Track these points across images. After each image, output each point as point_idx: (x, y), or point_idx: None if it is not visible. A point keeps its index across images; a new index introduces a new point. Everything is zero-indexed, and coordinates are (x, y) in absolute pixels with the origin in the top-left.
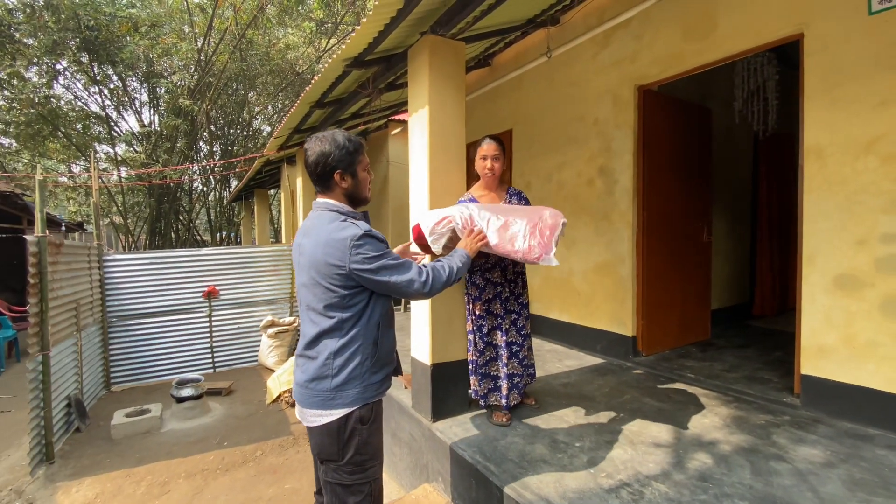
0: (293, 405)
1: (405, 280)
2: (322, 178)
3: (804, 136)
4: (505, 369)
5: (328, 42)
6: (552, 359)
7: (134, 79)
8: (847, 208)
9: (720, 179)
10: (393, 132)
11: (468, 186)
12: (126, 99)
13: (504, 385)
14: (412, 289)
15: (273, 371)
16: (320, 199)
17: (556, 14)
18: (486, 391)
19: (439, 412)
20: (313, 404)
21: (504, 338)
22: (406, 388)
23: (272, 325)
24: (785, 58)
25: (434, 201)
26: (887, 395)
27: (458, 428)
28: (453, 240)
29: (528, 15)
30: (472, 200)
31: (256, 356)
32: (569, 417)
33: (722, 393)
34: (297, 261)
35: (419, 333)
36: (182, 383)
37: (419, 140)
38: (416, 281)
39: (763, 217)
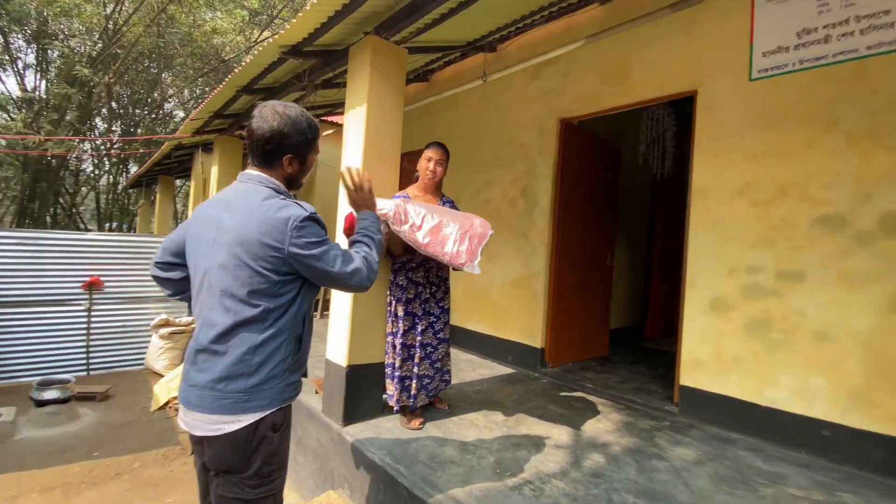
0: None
1: (349, 270)
2: (267, 155)
3: (692, 178)
4: (416, 369)
5: (260, 34)
6: (467, 368)
7: (20, 36)
8: (722, 242)
9: (623, 213)
10: (325, 133)
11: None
12: (6, 58)
13: (413, 384)
14: (354, 280)
15: (162, 376)
16: (253, 172)
17: (493, 41)
18: (400, 394)
19: (351, 416)
20: (220, 408)
21: (419, 338)
22: (317, 392)
23: (166, 324)
24: (682, 113)
25: None
26: (747, 403)
27: (370, 432)
28: (386, 234)
29: (468, 38)
30: (406, 198)
31: (143, 359)
32: (479, 422)
33: (615, 402)
34: (209, 237)
35: (337, 334)
36: (45, 385)
37: (353, 138)
38: (362, 271)
39: (657, 250)
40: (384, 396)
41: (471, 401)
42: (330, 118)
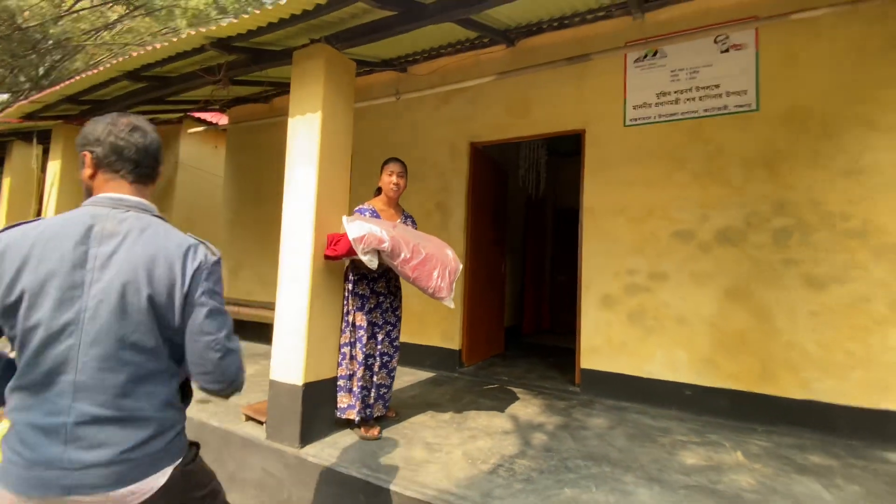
0: None
1: (235, 345)
2: (151, 170)
3: (584, 200)
4: (375, 379)
5: (75, 2)
6: None
7: None
8: (607, 250)
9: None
10: (190, 130)
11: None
12: None
13: (372, 395)
14: (234, 367)
15: None
16: (133, 198)
17: (405, 63)
18: (355, 405)
19: (307, 437)
20: (141, 473)
21: (379, 347)
22: (249, 419)
23: None
24: (552, 148)
25: (320, 211)
26: (632, 377)
27: (331, 449)
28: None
29: (385, 56)
30: (374, 213)
31: None
32: (429, 423)
33: (529, 389)
34: (78, 279)
35: (288, 352)
36: None
37: (305, 146)
38: (239, 349)
39: (529, 258)
40: (336, 411)
41: (410, 405)
42: (197, 114)
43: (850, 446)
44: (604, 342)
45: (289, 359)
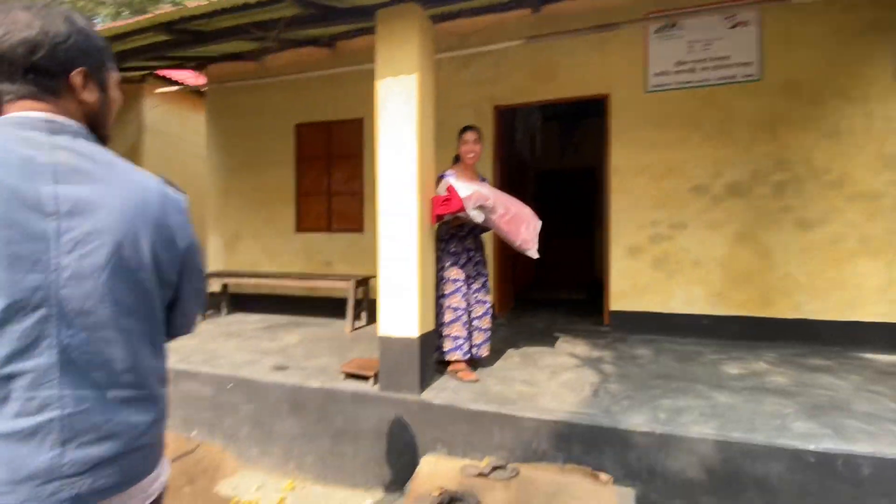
0: None
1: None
2: (43, 72)
3: (610, 160)
4: (477, 323)
5: None
6: None
7: None
8: (633, 205)
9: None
10: (158, 90)
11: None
12: None
13: (476, 337)
14: (200, 307)
15: None
16: (70, 122)
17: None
18: (463, 346)
19: (423, 385)
20: (153, 463)
21: (476, 295)
22: (350, 377)
23: None
24: (547, 114)
25: (423, 171)
26: (656, 313)
27: (446, 393)
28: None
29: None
30: (449, 175)
31: None
32: (506, 366)
33: (566, 333)
34: (36, 226)
35: (401, 308)
36: None
37: (403, 108)
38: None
39: None
40: (443, 354)
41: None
42: (167, 73)
43: (835, 351)
44: (630, 286)
45: (401, 314)
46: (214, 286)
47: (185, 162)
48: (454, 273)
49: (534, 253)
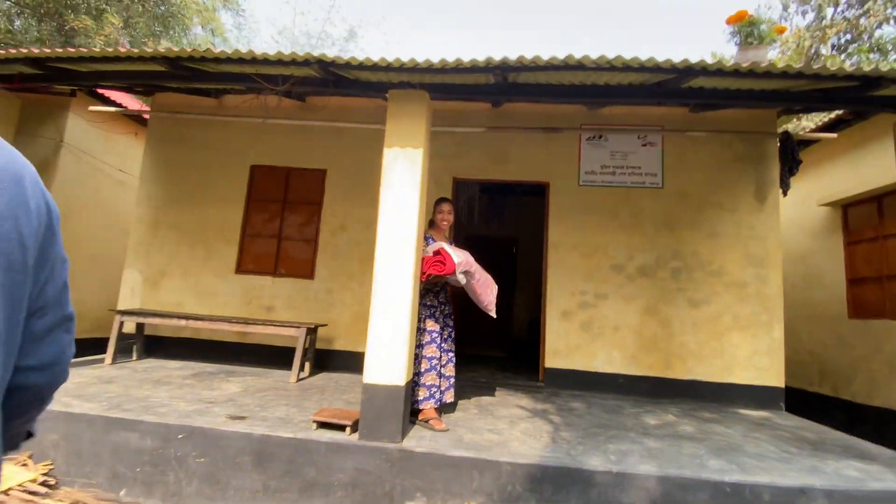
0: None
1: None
2: None
3: (549, 237)
4: (444, 371)
5: None
6: None
7: None
8: (565, 276)
9: None
10: (91, 108)
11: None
12: None
13: (447, 384)
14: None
15: None
16: None
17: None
18: (434, 396)
19: (403, 433)
20: None
21: (444, 345)
22: (320, 426)
23: None
24: (484, 188)
25: (419, 230)
26: (583, 371)
27: (424, 441)
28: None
29: None
30: (432, 239)
31: None
32: (467, 416)
33: (506, 388)
34: None
35: (386, 357)
36: None
37: (407, 177)
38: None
39: None
40: (419, 403)
41: None
42: (106, 92)
43: (718, 407)
44: (563, 346)
45: (389, 363)
46: (128, 326)
47: (101, 185)
48: (430, 325)
49: (493, 313)
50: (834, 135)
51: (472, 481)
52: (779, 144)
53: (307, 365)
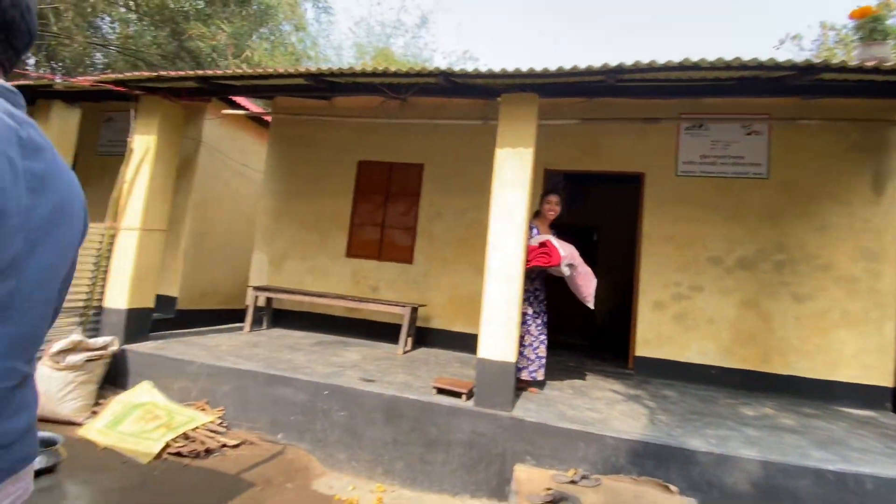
0: (198, 454)
1: None
2: (15, 34)
3: (643, 228)
4: (539, 353)
5: None
6: None
7: None
8: (659, 267)
9: None
10: (224, 112)
11: None
12: None
13: (539, 364)
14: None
15: (78, 423)
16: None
17: None
18: (536, 370)
19: (513, 404)
20: (35, 445)
21: (540, 328)
22: (440, 392)
23: (79, 347)
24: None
25: (526, 225)
26: (674, 361)
27: (531, 412)
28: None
29: None
30: (537, 230)
31: None
32: (563, 395)
33: (596, 373)
34: (24, 199)
35: (498, 335)
36: None
37: (517, 175)
38: None
39: None
40: (522, 376)
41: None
42: (238, 98)
43: (819, 404)
44: (654, 336)
45: (500, 341)
46: (260, 301)
47: (229, 179)
48: (528, 309)
49: (591, 304)
50: None
51: (578, 451)
52: None
53: (409, 340)
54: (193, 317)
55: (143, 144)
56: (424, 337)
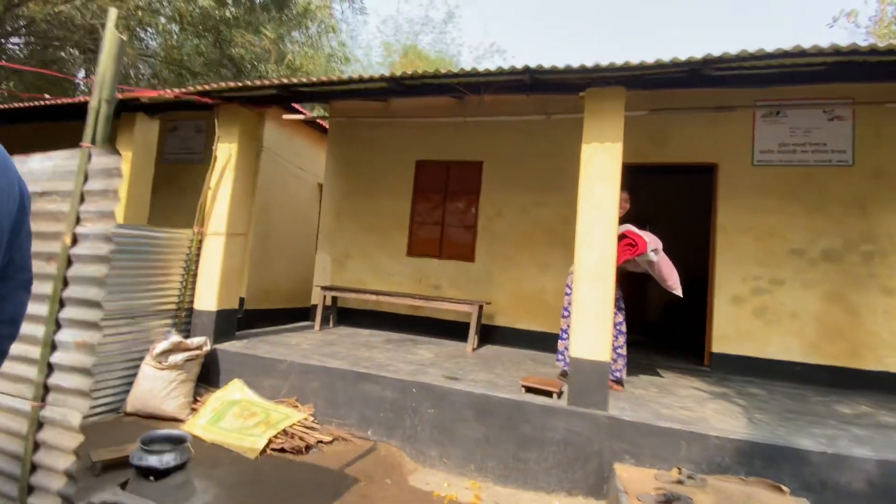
0: (299, 450)
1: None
2: None
3: (717, 220)
4: (622, 351)
5: None
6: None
7: None
8: (736, 260)
9: None
10: (284, 116)
11: None
12: None
13: (623, 363)
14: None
15: (181, 419)
16: None
17: None
18: (622, 368)
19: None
20: None
21: (620, 327)
22: (528, 391)
23: (178, 348)
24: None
25: (616, 217)
26: (754, 358)
27: (629, 411)
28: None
29: None
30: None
31: (120, 402)
32: (647, 394)
33: (670, 370)
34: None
35: (593, 333)
36: (153, 442)
37: (606, 168)
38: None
39: None
40: (613, 374)
41: None
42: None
43: None
44: (733, 331)
45: (593, 340)
46: (327, 300)
47: (287, 180)
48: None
49: (679, 292)
50: None
51: (680, 449)
52: None
53: (475, 337)
54: (259, 316)
55: (226, 152)
56: (489, 334)
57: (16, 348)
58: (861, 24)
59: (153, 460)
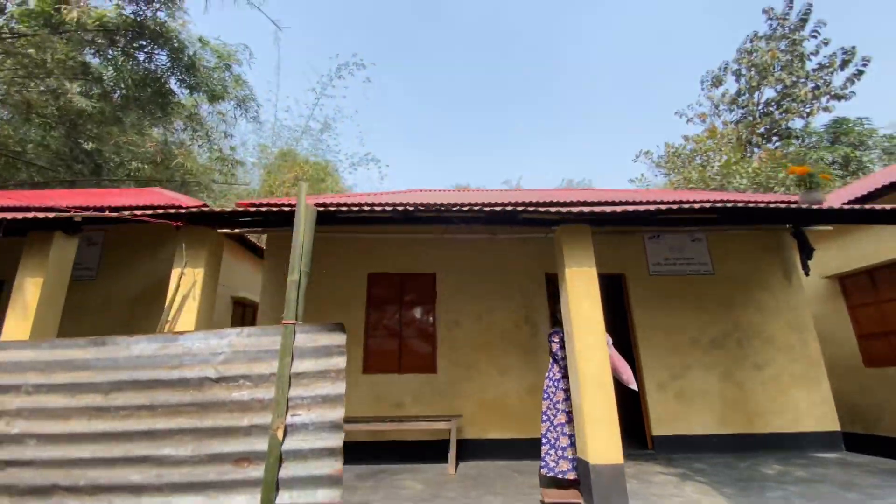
0: None
1: None
2: None
3: (633, 319)
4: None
5: None
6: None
7: None
8: (654, 352)
9: None
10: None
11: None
12: None
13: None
14: None
15: None
16: None
17: None
18: (574, 469)
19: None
20: None
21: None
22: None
23: None
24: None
25: (602, 327)
26: (683, 436)
27: (634, 502)
28: None
29: None
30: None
31: None
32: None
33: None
34: None
35: (604, 438)
36: None
37: (587, 287)
38: None
39: None
40: (566, 472)
41: None
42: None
43: (798, 453)
44: (665, 414)
45: (607, 444)
46: None
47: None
48: (568, 406)
49: (634, 386)
50: (829, 227)
51: None
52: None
53: (454, 457)
54: None
55: (192, 277)
56: (461, 449)
57: None
58: (654, 160)
59: None
